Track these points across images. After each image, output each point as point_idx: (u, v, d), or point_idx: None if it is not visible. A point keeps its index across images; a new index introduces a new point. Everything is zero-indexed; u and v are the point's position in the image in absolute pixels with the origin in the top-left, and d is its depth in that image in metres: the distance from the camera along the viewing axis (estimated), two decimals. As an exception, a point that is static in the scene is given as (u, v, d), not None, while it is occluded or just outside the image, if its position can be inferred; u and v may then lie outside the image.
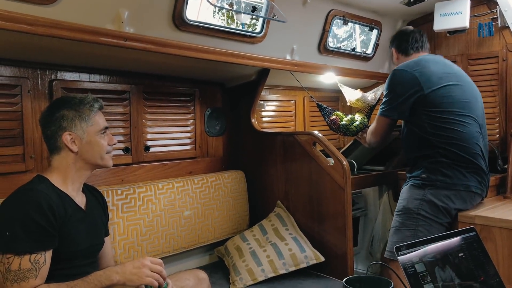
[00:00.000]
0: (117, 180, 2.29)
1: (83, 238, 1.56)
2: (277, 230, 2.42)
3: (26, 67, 1.97)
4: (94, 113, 1.60)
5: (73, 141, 1.55)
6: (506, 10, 2.76)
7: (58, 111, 1.56)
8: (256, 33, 2.40)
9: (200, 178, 2.50)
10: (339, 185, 2.28)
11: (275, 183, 2.63)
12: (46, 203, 1.41)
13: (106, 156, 1.63)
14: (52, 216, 1.41)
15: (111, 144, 1.65)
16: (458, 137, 2.12)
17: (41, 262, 1.38)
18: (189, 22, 2.05)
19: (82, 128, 1.57)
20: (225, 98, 2.86)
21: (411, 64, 2.23)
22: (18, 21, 1.53)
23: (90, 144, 1.58)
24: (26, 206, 1.40)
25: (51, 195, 1.46)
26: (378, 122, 2.35)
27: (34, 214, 1.38)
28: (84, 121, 1.57)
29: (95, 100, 1.62)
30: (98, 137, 1.60)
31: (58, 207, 1.45)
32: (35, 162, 2.00)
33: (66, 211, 1.49)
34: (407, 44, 2.40)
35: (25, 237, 1.36)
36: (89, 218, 1.63)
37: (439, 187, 2.12)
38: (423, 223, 2.11)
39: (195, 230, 2.41)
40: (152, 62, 2.25)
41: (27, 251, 1.36)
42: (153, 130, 2.47)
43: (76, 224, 1.53)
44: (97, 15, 1.78)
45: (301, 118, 3.33)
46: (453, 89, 2.17)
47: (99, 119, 1.62)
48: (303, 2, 2.49)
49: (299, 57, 2.67)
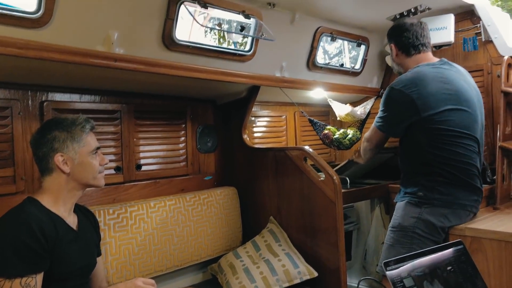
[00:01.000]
0: (109, 200, 2.29)
1: (75, 259, 1.55)
2: (270, 246, 2.43)
3: (17, 89, 1.99)
4: (85, 134, 1.62)
5: (65, 162, 1.56)
6: (489, 25, 2.83)
7: (50, 133, 1.57)
8: (246, 51, 2.44)
9: (192, 195, 2.50)
10: (331, 200, 2.29)
11: (267, 198, 2.64)
12: (37, 225, 1.41)
13: (98, 176, 1.65)
14: (43, 239, 1.41)
15: (102, 164, 1.67)
16: (457, 158, 2.08)
17: (32, 285, 1.37)
18: (179, 42, 2.08)
19: (74, 149, 1.58)
20: (216, 115, 2.88)
21: (409, 84, 2.10)
22: (8, 45, 1.55)
23: (82, 165, 1.59)
24: (17, 229, 1.40)
25: (42, 217, 1.46)
26: (373, 131, 2.30)
27: (25, 237, 1.38)
28: (76, 142, 1.58)
29: (86, 121, 1.64)
30: (90, 157, 1.61)
31: (49, 229, 1.45)
32: (26, 183, 2.00)
33: (57, 233, 1.49)
34: (408, 41, 2.24)
35: (16, 260, 1.36)
36: (81, 238, 1.62)
37: (436, 205, 2.09)
38: (418, 241, 2.08)
39: (188, 247, 2.40)
40: (142, 82, 2.27)
41: (18, 275, 1.35)
42: (145, 148, 2.48)
43: (68, 245, 1.53)
44: (87, 37, 1.80)
45: (293, 133, 3.36)
46: (452, 114, 2.07)
47: (90, 140, 1.63)
48: (291, 20, 2.54)
49: (289, 74, 2.71)
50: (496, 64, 2.85)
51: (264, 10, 2.35)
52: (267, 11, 2.36)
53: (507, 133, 2.69)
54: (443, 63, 2.23)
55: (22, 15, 1.59)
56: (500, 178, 2.56)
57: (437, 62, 2.23)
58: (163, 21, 2.00)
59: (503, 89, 2.66)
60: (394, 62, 2.36)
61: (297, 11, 2.52)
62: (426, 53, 2.26)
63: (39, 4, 1.61)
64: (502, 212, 2.44)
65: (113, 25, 1.85)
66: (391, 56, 2.36)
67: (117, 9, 1.84)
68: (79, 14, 1.74)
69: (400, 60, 2.31)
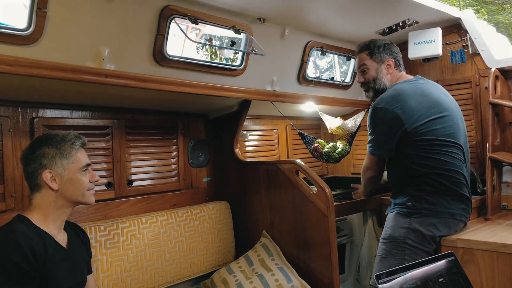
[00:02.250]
0: (100, 216, 2.27)
1: (64, 277, 1.53)
2: (263, 260, 2.41)
3: (7, 105, 1.98)
4: (75, 150, 1.60)
5: (53, 179, 1.55)
6: (476, 38, 2.88)
7: (39, 149, 1.56)
8: (237, 66, 2.46)
9: (184, 210, 2.49)
10: (323, 213, 2.29)
11: (259, 212, 2.63)
12: (26, 244, 1.40)
13: (88, 193, 1.63)
14: (32, 257, 1.40)
15: (92, 181, 1.65)
16: (443, 167, 2.12)
17: None
18: (170, 58, 2.10)
19: (63, 165, 1.56)
20: (208, 130, 2.88)
21: (391, 101, 2.18)
22: (-2, 62, 1.54)
23: (71, 181, 1.58)
24: (6, 249, 1.38)
25: (31, 235, 1.44)
26: (368, 159, 2.36)
27: (14, 256, 1.36)
28: (65, 159, 1.57)
29: (77, 137, 1.63)
30: (79, 174, 1.60)
31: (38, 247, 1.43)
32: (16, 201, 1.98)
33: (46, 251, 1.47)
34: (399, 58, 2.39)
35: (5, 280, 1.34)
36: (71, 256, 1.60)
37: (425, 215, 2.12)
38: (409, 251, 2.10)
39: (180, 263, 2.38)
40: (134, 97, 2.28)
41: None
42: (136, 164, 2.47)
43: (58, 263, 1.51)
44: (78, 54, 1.81)
45: (285, 146, 3.37)
46: (435, 123, 2.15)
47: (81, 157, 1.62)
48: (281, 35, 2.56)
49: (279, 88, 2.73)
50: (483, 76, 2.89)
51: (254, 25, 2.37)
52: (257, 26, 2.39)
53: (496, 144, 2.72)
54: (417, 79, 2.35)
55: (12, 32, 1.59)
56: (490, 189, 2.58)
57: (413, 78, 2.35)
58: (154, 37, 2.01)
59: (491, 101, 2.71)
60: (382, 78, 2.34)
61: (287, 26, 2.55)
62: (403, 71, 2.41)
63: (30, 21, 1.62)
64: (493, 222, 2.46)
65: (104, 41, 1.86)
66: (379, 72, 2.34)
67: (107, 25, 1.85)
68: (69, 30, 1.75)
69: (392, 76, 2.35)
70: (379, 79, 2.33)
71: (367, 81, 2.37)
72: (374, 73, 2.34)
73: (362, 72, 2.38)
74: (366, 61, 2.36)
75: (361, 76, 2.40)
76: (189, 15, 2.06)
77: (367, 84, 2.37)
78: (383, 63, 2.34)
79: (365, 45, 2.39)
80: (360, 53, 2.40)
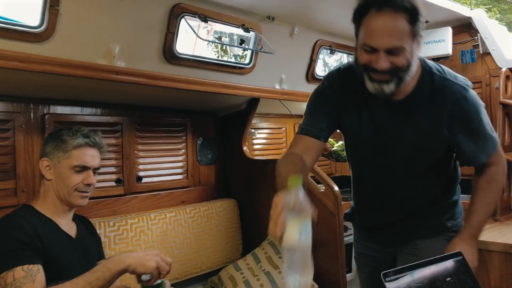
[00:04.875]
0: (110, 212, 2.29)
1: (74, 265, 1.53)
2: (270, 258, 2.42)
3: (19, 102, 2.01)
4: (75, 147, 1.56)
5: (49, 168, 1.56)
6: (486, 37, 2.86)
7: (49, 139, 1.60)
8: (246, 64, 2.47)
9: (192, 207, 2.51)
10: (331, 212, 2.29)
11: (267, 210, 2.59)
12: (29, 226, 1.42)
13: (75, 194, 1.56)
14: (36, 237, 1.41)
15: (85, 183, 1.57)
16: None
17: (35, 270, 1.36)
18: (179, 56, 2.11)
19: (58, 157, 1.56)
20: (216, 127, 2.90)
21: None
22: (11, 58, 1.57)
23: (59, 175, 1.55)
24: (10, 230, 1.41)
25: (34, 220, 1.47)
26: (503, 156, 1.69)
27: (18, 235, 1.39)
28: (62, 152, 1.55)
29: (84, 135, 1.59)
30: (69, 171, 1.55)
31: (42, 231, 1.45)
32: (27, 195, 2.01)
33: (51, 237, 1.48)
34: None
35: (13, 255, 1.36)
36: (80, 246, 1.61)
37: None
38: None
39: (188, 260, 2.40)
40: (143, 95, 2.29)
41: (18, 264, 1.35)
42: (145, 160, 2.49)
43: (64, 251, 1.52)
44: (89, 51, 1.83)
45: (292, 145, 3.36)
46: None
47: (79, 155, 1.56)
48: (290, 34, 2.57)
49: (288, 86, 2.74)
50: (494, 76, 2.87)
51: (264, 24, 2.38)
52: (267, 25, 2.39)
53: (506, 145, 2.70)
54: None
55: (25, 30, 1.62)
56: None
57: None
58: (164, 35, 2.02)
59: (502, 101, 2.69)
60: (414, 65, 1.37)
61: (296, 25, 2.56)
62: None
63: (42, 19, 1.64)
64: (503, 223, 2.44)
65: (114, 38, 1.88)
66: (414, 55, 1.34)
67: (118, 23, 1.87)
68: (81, 28, 1.77)
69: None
70: (413, 65, 1.36)
71: (398, 67, 1.32)
72: (409, 56, 1.32)
73: (392, 51, 1.29)
74: (404, 32, 1.28)
75: (386, 57, 1.30)
76: (199, 13, 2.08)
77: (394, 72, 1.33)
78: (419, 38, 1.33)
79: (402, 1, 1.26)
80: (395, 13, 1.26)
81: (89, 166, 1.59)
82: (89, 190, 1.60)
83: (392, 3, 1.26)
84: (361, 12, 1.32)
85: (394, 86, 1.36)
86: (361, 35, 1.34)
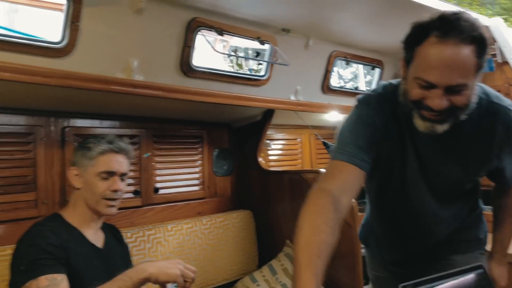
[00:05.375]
0: (127, 223, 2.31)
1: (99, 276, 1.50)
2: (286, 270, 2.41)
3: (40, 115, 2.05)
4: (100, 153, 1.55)
5: (77, 177, 1.56)
6: (505, 46, 2.83)
7: (78, 148, 1.61)
8: (261, 76, 2.49)
9: (208, 218, 2.52)
10: (347, 223, 2.27)
11: (283, 222, 2.63)
12: (54, 235, 1.42)
13: (102, 202, 1.54)
14: (61, 247, 1.41)
15: (112, 189, 1.55)
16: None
17: (59, 279, 1.35)
18: (196, 69, 2.14)
19: (85, 165, 1.55)
20: (232, 139, 2.91)
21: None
22: (34, 73, 1.61)
23: (87, 183, 1.54)
24: (34, 240, 1.41)
25: (60, 230, 1.46)
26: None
27: (43, 245, 1.39)
28: (88, 159, 1.55)
29: (109, 141, 1.58)
30: (95, 178, 1.54)
31: (67, 242, 1.45)
32: (48, 207, 2.04)
33: (76, 247, 1.47)
34: None
35: (37, 264, 1.36)
36: (106, 256, 1.59)
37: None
38: None
39: (204, 271, 2.40)
40: (161, 107, 2.33)
41: (41, 274, 1.34)
42: (162, 172, 2.51)
43: (89, 262, 1.51)
44: (108, 65, 1.87)
45: (308, 156, 3.36)
46: None
47: (105, 161, 1.55)
48: (305, 45, 2.58)
49: (303, 97, 2.75)
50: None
51: (279, 36, 2.40)
52: (282, 37, 2.41)
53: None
54: None
55: (47, 45, 1.66)
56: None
57: None
58: (181, 49, 2.06)
59: (521, 110, 2.64)
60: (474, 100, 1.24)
61: (311, 37, 2.57)
62: None
63: (63, 35, 1.69)
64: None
65: (133, 53, 1.92)
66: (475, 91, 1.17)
67: (136, 38, 1.91)
68: (100, 43, 1.82)
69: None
70: (472, 103, 1.18)
71: (457, 106, 1.14)
72: (471, 93, 1.15)
73: (453, 89, 1.10)
74: (469, 68, 1.09)
75: (445, 95, 1.11)
76: (215, 27, 2.11)
77: (451, 112, 1.15)
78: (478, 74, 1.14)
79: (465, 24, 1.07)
80: (462, 43, 1.06)
81: (115, 171, 1.56)
82: (116, 197, 1.57)
83: (459, 31, 1.05)
84: (417, 38, 1.12)
85: (447, 126, 1.18)
86: (415, 64, 1.13)
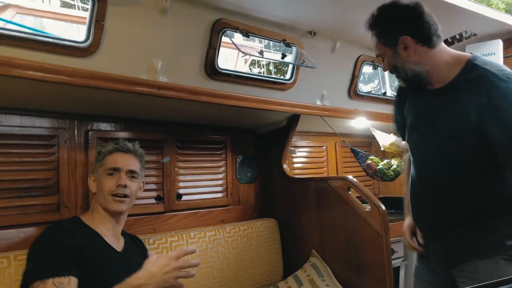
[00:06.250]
0: (150, 229, 2.27)
1: (116, 279, 1.50)
2: (313, 281, 2.31)
3: (64, 118, 2.04)
4: (108, 154, 1.65)
5: (94, 182, 1.65)
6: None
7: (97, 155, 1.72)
8: (286, 80, 2.43)
9: (232, 226, 2.45)
10: (377, 232, 2.17)
11: (309, 231, 2.54)
12: (68, 237, 1.45)
13: (110, 198, 1.59)
14: (75, 249, 1.43)
15: (117, 184, 1.59)
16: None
17: (65, 283, 1.37)
18: (221, 71, 2.10)
19: (97, 169, 1.65)
20: (256, 145, 2.85)
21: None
22: (58, 72, 1.59)
23: (99, 185, 1.63)
24: (46, 241, 1.45)
25: (75, 231, 1.49)
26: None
27: (55, 246, 1.42)
28: (99, 162, 1.65)
29: (115, 142, 1.69)
30: (103, 177, 1.62)
31: (84, 243, 1.47)
32: (70, 211, 2.01)
33: (93, 248, 1.50)
34: (428, 26, 1.50)
35: (46, 265, 1.39)
36: (125, 260, 1.61)
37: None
38: None
39: (227, 281, 2.32)
40: (184, 111, 2.29)
41: (49, 276, 1.37)
42: (185, 178, 2.47)
43: (106, 263, 1.52)
44: (132, 66, 1.84)
45: (334, 164, 3.27)
46: None
47: (111, 159, 1.64)
48: (332, 49, 2.52)
49: (329, 103, 2.67)
50: (550, 90, 2.70)
51: (305, 39, 2.35)
52: (308, 40, 2.36)
53: None
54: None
55: (72, 45, 1.64)
56: None
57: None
58: (205, 50, 2.02)
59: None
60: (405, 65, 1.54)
61: (338, 40, 2.51)
62: (438, 44, 1.55)
63: (88, 34, 1.67)
64: None
65: (157, 54, 1.89)
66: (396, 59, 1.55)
67: (161, 38, 1.89)
68: (125, 44, 1.79)
69: (420, 58, 1.52)
70: (401, 65, 1.55)
71: (387, 69, 1.63)
72: (391, 60, 1.57)
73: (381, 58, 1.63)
74: (376, 44, 1.59)
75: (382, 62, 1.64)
76: (240, 28, 2.07)
77: (391, 72, 1.64)
78: (397, 45, 1.52)
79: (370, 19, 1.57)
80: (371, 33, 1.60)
81: (120, 167, 1.63)
82: (124, 193, 1.60)
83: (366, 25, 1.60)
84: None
85: (402, 83, 1.66)
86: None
